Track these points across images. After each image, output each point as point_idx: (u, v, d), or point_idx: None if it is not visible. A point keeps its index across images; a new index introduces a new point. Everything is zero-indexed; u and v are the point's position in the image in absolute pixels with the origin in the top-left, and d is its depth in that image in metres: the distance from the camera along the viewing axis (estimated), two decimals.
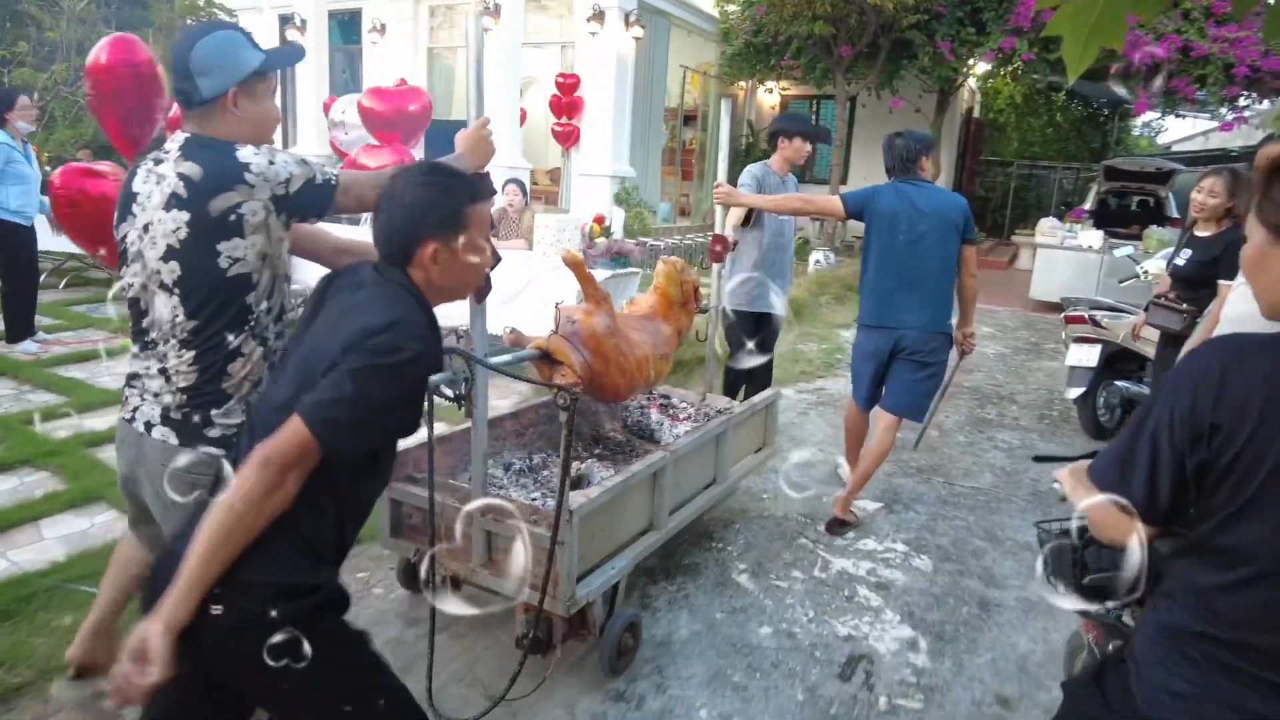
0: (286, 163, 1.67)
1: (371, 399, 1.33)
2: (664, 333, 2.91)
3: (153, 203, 1.65)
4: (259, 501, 1.25)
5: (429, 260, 1.47)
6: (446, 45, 13.17)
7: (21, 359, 5.38)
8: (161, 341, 1.70)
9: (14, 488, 3.53)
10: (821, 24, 10.51)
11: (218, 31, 1.74)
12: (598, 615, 2.43)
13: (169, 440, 1.70)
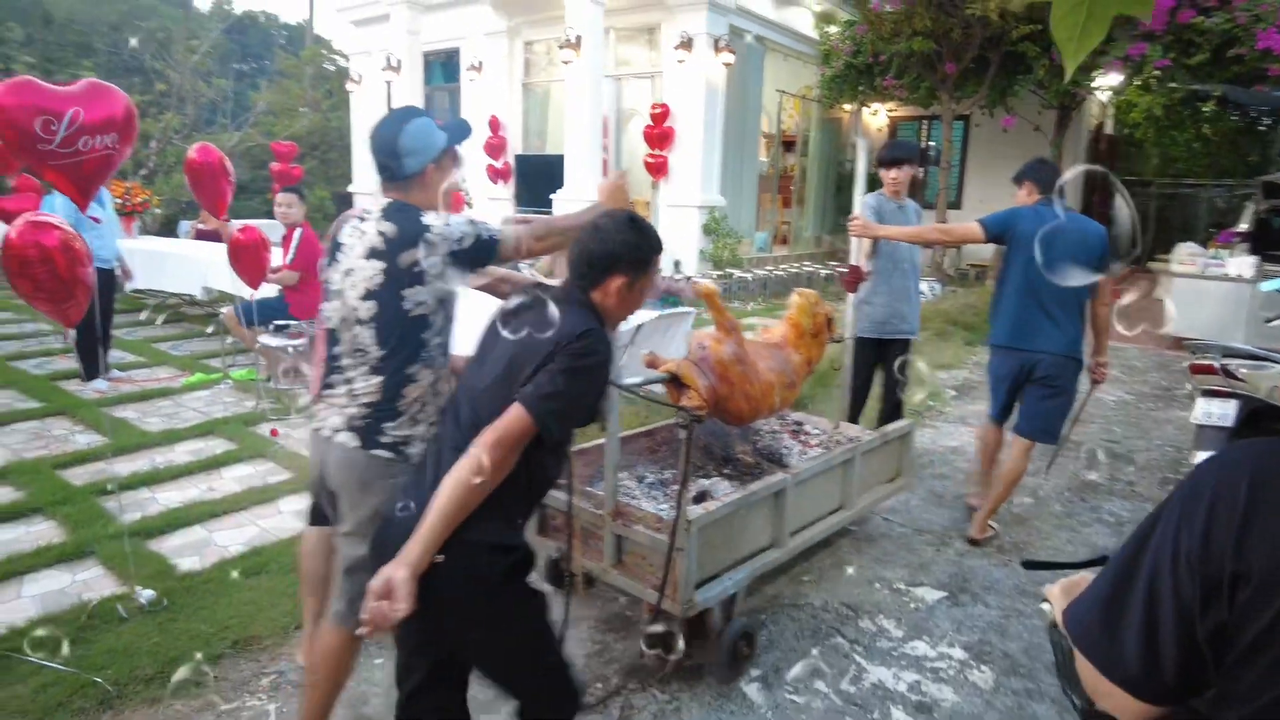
0: (460, 224, 1.98)
1: (573, 392, 1.63)
2: (792, 361, 3.03)
3: (355, 253, 1.98)
4: (489, 474, 1.54)
5: (614, 290, 1.77)
6: (539, 80, 13.24)
7: (89, 396, 5.50)
8: (351, 366, 2.00)
9: (15, 538, 3.45)
10: (921, 40, 9.80)
11: (415, 119, 2.05)
12: (716, 622, 2.63)
13: (350, 445, 1.98)
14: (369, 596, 1.48)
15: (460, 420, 1.69)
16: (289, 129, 16.57)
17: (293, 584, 3.08)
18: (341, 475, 2.01)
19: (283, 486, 4.07)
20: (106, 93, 3.06)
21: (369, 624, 1.48)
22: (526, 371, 1.62)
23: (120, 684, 2.49)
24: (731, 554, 2.70)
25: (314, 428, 2.09)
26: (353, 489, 1.99)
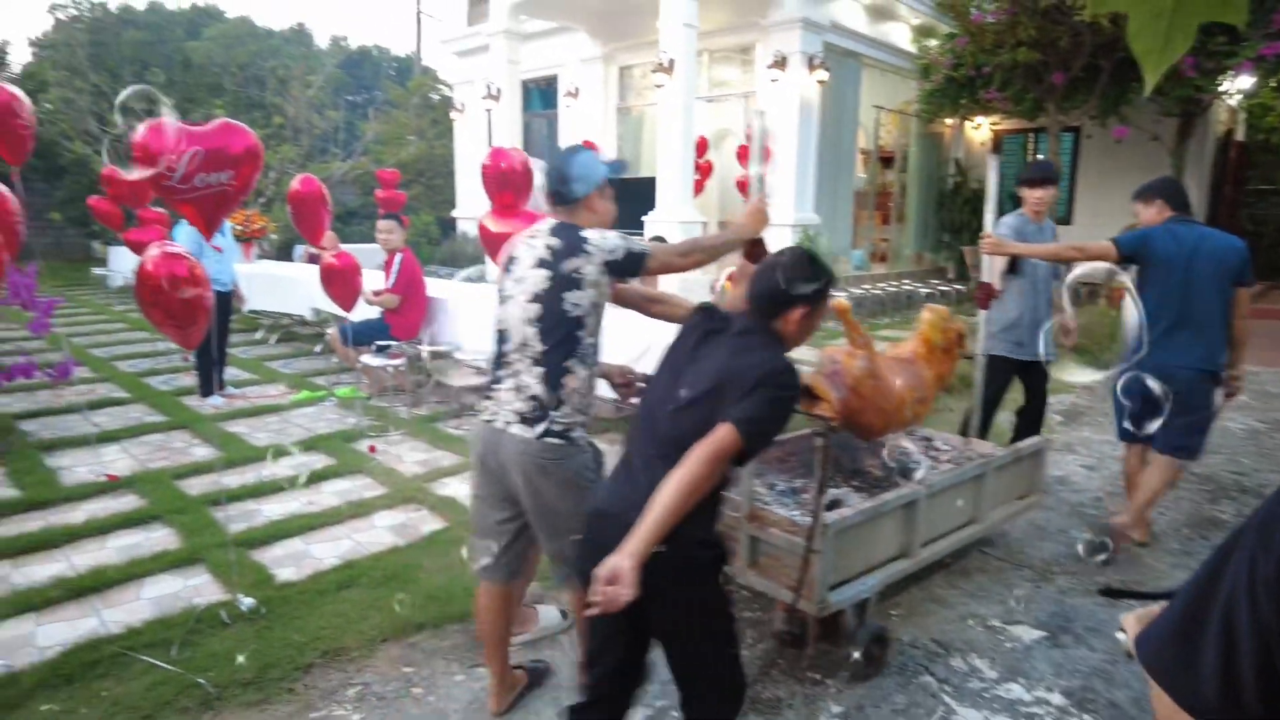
0: (613, 239, 2.25)
1: (775, 418, 1.85)
2: (924, 377, 3.05)
3: (526, 263, 2.28)
4: (705, 481, 1.75)
5: (795, 320, 1.95)
6: (634, 104, 13.42)
7: (207, 412, 5.87)
8: (518, 361, 2.27)
9: (136, 543, 3.71)
10: (1026, 51, 9.41)
11: (582, 153, 2.37)
12: (849, 624, 2.76)
13: (523, 433, 2.23)
14: (596, 582, 1.65)
15: (658, 432, 1.90)
16: (396, 157, 17.35)
17: (380, 598, 3.19)
18: (519, 463, 2.25)
19: (377, 501, 4.22)
20: (228, 134, 3.27)
21: (600, 606, 1.65)
22: (732, 396, 1.81)
23: (221, 686, 2.63)
24: (863, 560, 2.83)
25: (485, 420, 2.34)
26: (531, 474, 2.25)
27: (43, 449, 4.97)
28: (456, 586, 3.27)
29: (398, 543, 3.73)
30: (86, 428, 5.33)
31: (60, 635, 2.93)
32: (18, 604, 3.11)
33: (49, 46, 19.59)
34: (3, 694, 2.58)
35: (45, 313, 5.46)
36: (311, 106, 14.78)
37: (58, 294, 9.48)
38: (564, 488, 2.25)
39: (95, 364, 7.53)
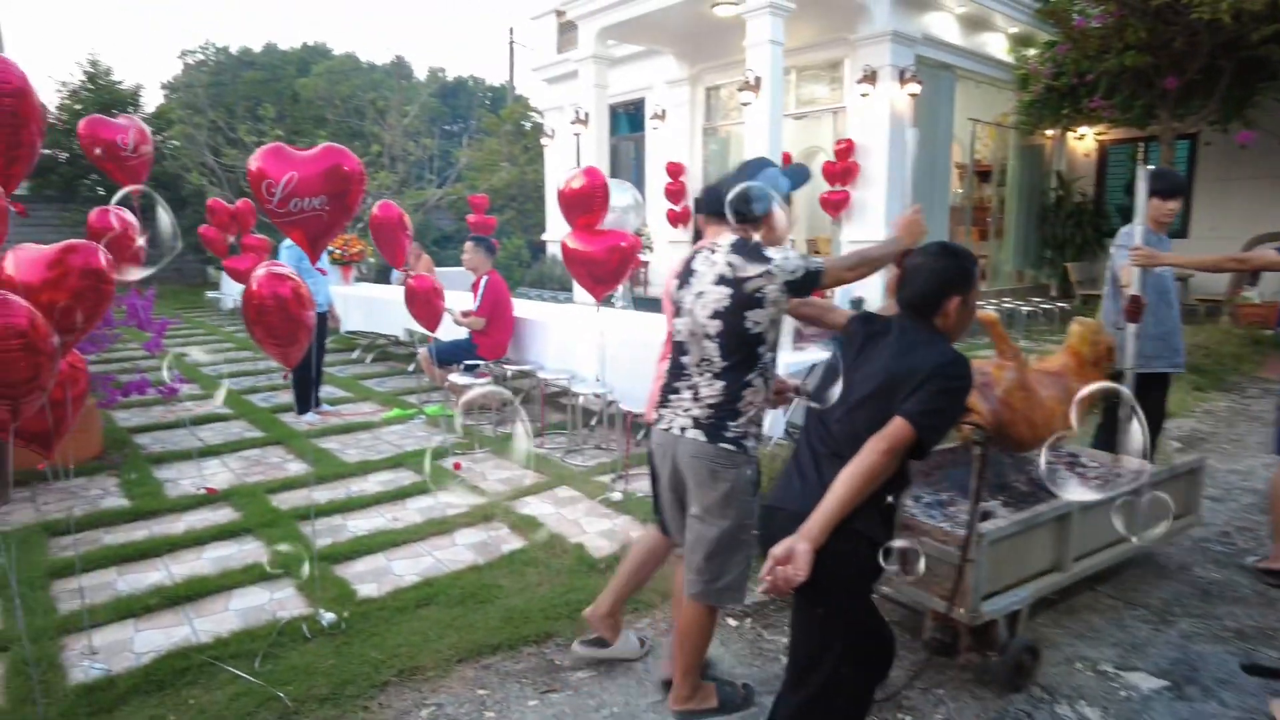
0: (793, 258, 2.30)
1: (949, 409, 1.92)
2: (1074, 391, 2.93)
3: (706, 279, 2.35)
4: (879, 472, 1.84)
5: (953, 310, 2.01)
6: (720, 124, 13.39)
7: (301, 428, 6.08)
8: (697, 373, 2.38)
9: (229, 555, 3.83)
10: (1134, 55, 8.89)
11: (765, 169, 2.44)
12: (1001, 635, 2.74)
13: (699, 439, 2.35)
14: (770, 562, 1.76)
15: (830, 432, 2.00)
16: (489, 182, 17.83)
17: (457, 617, 3.17)
18: (691, 466, 2.37)
19: (459, 519, 4.24)
20: (325, 159, 3.37)
21: (771, 585, 1.76)
22: (904, 391, 1.88)
23: (299, 700, 2.65)
24: (1016, 572, 2.86)
25: (662, 427, 2.47)
26: (703, 478, 2.35)
27: (153, 462, 5.23)
28: (533, 608, 3.23)
29: (477, 561, 3.73)
30: (192, 442, 5.60)
31: (155, 642, 3.03)
32: (120, 610, 3.24)
33: (177, 89, 21.07)
34: (100, 697, 2.67)
35: (159, 333, 5.78)
36: (407, 135, 15.34)
37: (174, 316, 10.09)
38: (728, 495, 2.35)
39: (204, 381, 7.93)
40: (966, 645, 2.78)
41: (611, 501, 4.44)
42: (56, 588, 3.46)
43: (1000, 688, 2.72)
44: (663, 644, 3.02)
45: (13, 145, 2.55)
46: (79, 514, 4.25)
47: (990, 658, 2.77)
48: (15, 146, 2.56)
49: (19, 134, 2.56)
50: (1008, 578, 2.82)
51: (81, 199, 17.90)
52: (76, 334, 2.79)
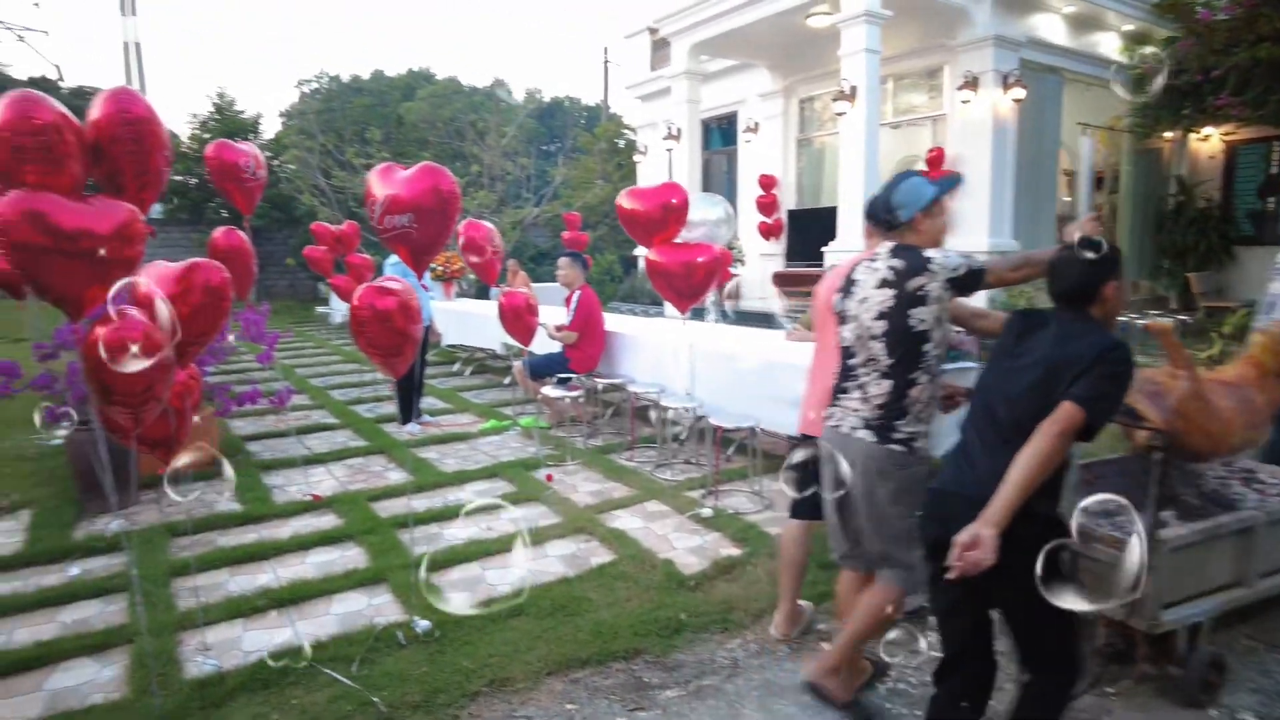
0: (953, 256, 2.38)
1: (1115, 392, 1.99)
2: (1256, 402, 2.92)
3: (868, 285, 2.46)
4: (1054, 455, 1.94)
5: (1110, 295, 2.09)
6: (815, 135, 13.20)
7: (403, 438, 6.27)
8: (864, 374, 2.49)
9: (331, 560, 3.97)
10: (1268, 47, 8.28)
11: (908, 179, 2.54)
12: (1181, 647, 2.71)
13: (867, 439, 2.46)
14: (956, 549, 1.87)
15: (998, 420, 2.09)
16: (583, 199, 18.12)
17: (547, 629, 3.18)
18: (863, 466, 2.46)
19: (550, 530, 4.27)
20: (423, 178, 3.47)
21: (959, 570, 1.86)
22: (1067, 378, 1.97)
23: (393, 706, 2.70)
24: (1195, 583, 2.78)
25: (831, 426, 2.59)
26: (871, 476, 2.45)
27: (263, 468, 5.50)
28: (622, 623, 3.21)
29: (567, 573, 3.74)
30: (299, 450, 5.85)
31: (261, 641, 3.16)
32: (230, 610, 3.40)
33: (292, 116, 22.34)
34: (211, 692, 2.80)
35: (271, 346, 6.08)
36: (506, 155, 15.77)
37: (286, 330, 10.63)
38: (899, 493, 2.43)
39: (312, 392, 8.31)
40: (1143, 654, 2.76)
41: (701, 518, 4.39)
42: (175, 585, 3.66)
43: (1184, 702, 2.67)
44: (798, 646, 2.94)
45: (142, 172, 2.72)
46: (196, 517, 4.50)
47: (1169, 670, 2.72)
48: (144, 173, 2.74)
49: (147, 161, 2.73)
50: (1188, 589, 2.74)
51: (208, 221, 19.16)
52: (196, 346, 2.96)
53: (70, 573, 3.84)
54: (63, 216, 2.36)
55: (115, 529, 4.33)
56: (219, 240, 4.33)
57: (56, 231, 2.34)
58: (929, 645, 2.71)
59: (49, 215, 2.34)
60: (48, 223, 2.33)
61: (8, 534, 4.35)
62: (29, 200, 2.33)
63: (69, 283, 2.43)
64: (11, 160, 2.33)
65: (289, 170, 18.93)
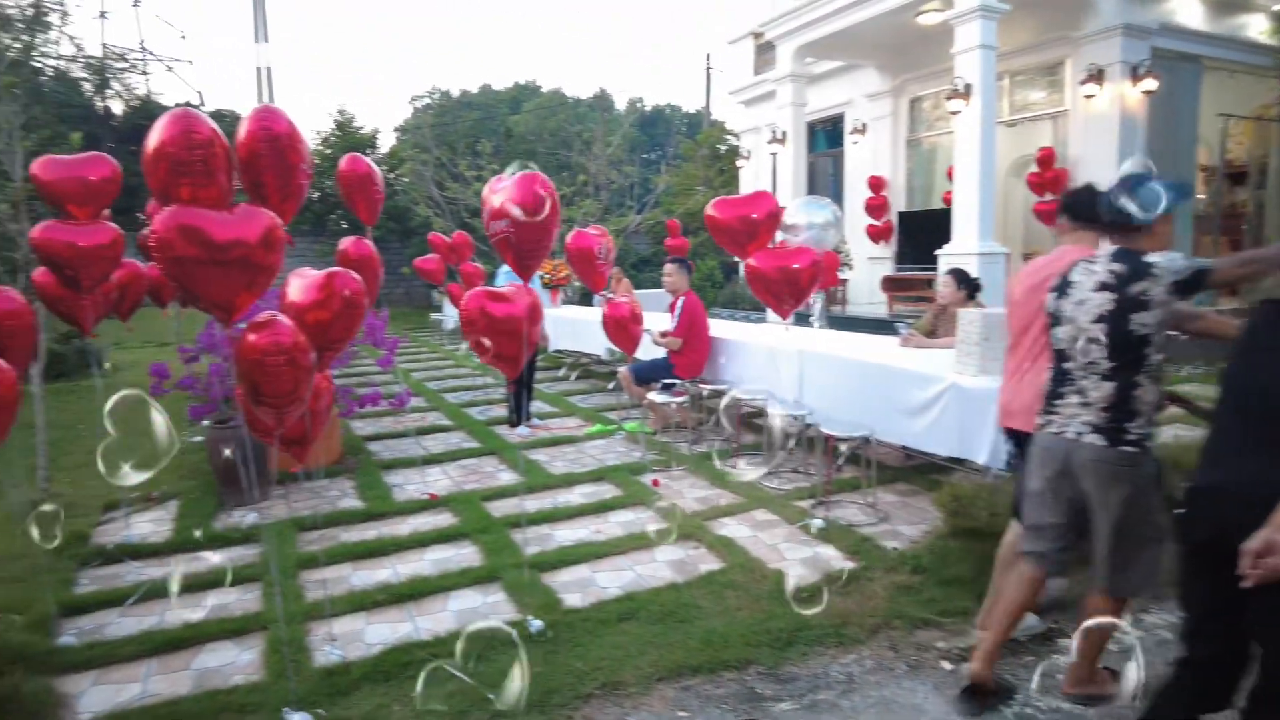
0: (1177, 259, 2.38)
1: None
2: None
3: (1086, 287, 2.48)
4: None
5: None
6: (924, 135, 12.79)
7: (513, 440, 6.43)
8: (1082, 378, 2.49)
9: (448, 558, 4.09)
10: None
11: (1147, 181, 2.48)
12: None
13: (1097, 443, 2.44)
14: (1248, 558, 1.81)
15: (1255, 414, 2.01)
16: (684, 206, 18.16)
17: (658, 635, 3.18)
18: (1092, 470, 2.46)
19: (658, 536, 4.27)
20: (517, 184, 3.56)
21: (1257, 577, 1.81)
22: None
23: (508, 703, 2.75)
24: None
25: (1052, 433, 2.58)
26: (1104, 480, 2.44)
27: (383, 468, 5.73)
28: (733, 633, 3.17)
29: (676, 579, 3.73)
30: (417, 450, 6.08)
31: (383, 635, 3.29)
32: (353, 603, 3.55)
33: (407, 130, 23.36)
34: (338, 680, 2.92)
35: (391, 350, 6.35)
36: (610, 164, 16.01)
37: (402, 335, 11.08)
38: (1134, 496, 2.42)
39: (428, 395, 8.62)
40: None
41: (812, 529, 4.29)
42: (303, 577, 3.86)
43: None
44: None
45: (285, 184, 2.89)
46: (321, 513, 4.73)
47: None
48: (287, 186, 2.91)
49: (291, 176, 2.90)
50: None
51: (329, 232, 20.25)
52: (334, 350, 3.11)
53: (212, 561, 4.10)
54: (213, 228, 2.52)
55: (251, 522, 4.61)
56: (349, 250, 4.55)
57: (209, 243, 2.50)
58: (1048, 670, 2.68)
59: (201, 228, 2.51)
60: (200, 235, 2.50)
61: (158, 522, 4.69)
62: (181, 215, 2.50)
63: (220, 290, 2.59)
64: (169, 175, 2.51)
65: (404, 183, 19.79)
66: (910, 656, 3.06)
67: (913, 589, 3.51)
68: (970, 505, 3.77)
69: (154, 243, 2.49)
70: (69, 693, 2.92)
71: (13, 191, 5.08)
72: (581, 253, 5.51)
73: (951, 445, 4.37)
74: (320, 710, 2.73)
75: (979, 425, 4.15)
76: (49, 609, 3.44)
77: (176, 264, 2.52)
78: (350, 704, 2.80)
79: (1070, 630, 3.19)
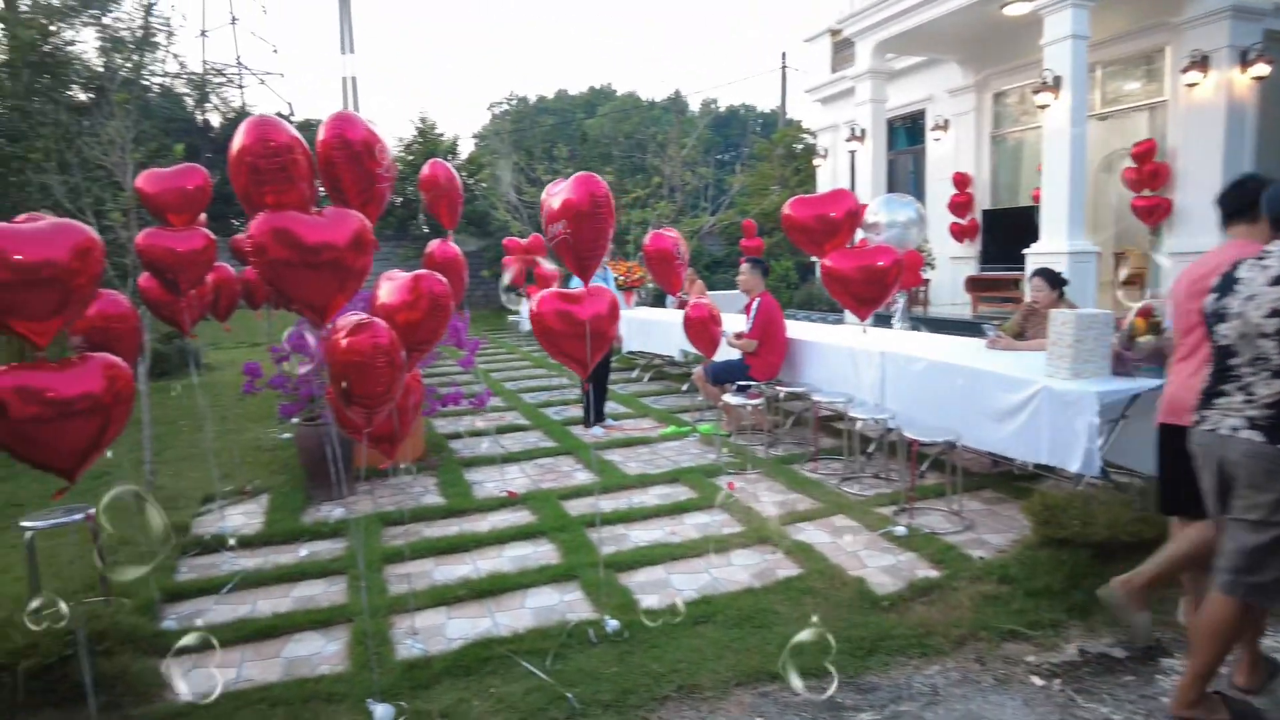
0: None
1: None
2: None
3: (1258, 282, 2.41)
4: None
5: None
6: (1009, 130, 12.34)
7: (588, 440, 6.47)
8: (1249, 374, 2.44)
9: (526, 555, 4.14)
10: None
11: None
12: None
13: (1255, 439, 2.39)
14: None
15: None
16: (759, 207, 17.99)
17: (735, 639, 3.14)
18: (1245, 466, 2.41)
19: (734, 539, 4.23)
20: (568, 187, 3.55)
21: None
22: None
23: (585, 703, 2.76)
24: None
25: (1207, 429, 2.55)
26: (1257, 478, 2.38)
27: (464, 465, 5.85)
28: (812, 640, 3.10)
29: (753, 584, 3.68)
30: (495, 449, 6.18)
31: (463, 630, 3.34)
32: (434, 597, 3.63)
33: (485, 136, 23.84)
34: (419, 674, 2.99)
35: (472, 351, 6.48)
36: (685, 165, 16.01)
37: (482, 336, 11.29)
38: None
39: (506, 395, 8.77)
40: None
41: (894, 536, 4.18)
42: (387, 571, 3.96)
43: None
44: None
45: (364, 189, 2.97)
46: (405, 509, 4.85)
47: None
48: (367, 191, 2.99)
49: (370, 181, 2.98)
50: None
51: (411, 236, 20.83)
52: (421, 350, 3.19)
53: (300, 553, 4.26)
54: (305, 231, 2.61)
55: (338, 516, 4.77)
56: (435, 252, 4.66)
57: (301, 245, 2.59)
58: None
59: (293, 232, 2.60)
60: (292, 239, 2.59)
61: (251, 515, 4.90)
62: (275, 220, 2.59)
63: (314, 292, 2.68)
64: (251, 181, 2.61)
65: (483, 188, 20.20)
66: (997, 669, 2.95)
67: (1000, 600, 3.37)
68: (1062, 514, 3.61)
69: (250, 246, 2.60)
70: (172, 675, 3.07)
71: (124, 200, 5.39)
72: (660, 254, 5.50)
73: (1041, 452, 4.19)
74: (402, 702, 2.79)
75: (1071, 431, 3.98)
76: (153, 594, 3.63)
77: (271, 267, 2.61)
78: (431, 697, 2.85)
79: (1177, 648, 3.02)
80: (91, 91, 8.68)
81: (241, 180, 2.63)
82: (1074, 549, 3.51)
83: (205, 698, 2.82)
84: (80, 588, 3.66)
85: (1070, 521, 3.55)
